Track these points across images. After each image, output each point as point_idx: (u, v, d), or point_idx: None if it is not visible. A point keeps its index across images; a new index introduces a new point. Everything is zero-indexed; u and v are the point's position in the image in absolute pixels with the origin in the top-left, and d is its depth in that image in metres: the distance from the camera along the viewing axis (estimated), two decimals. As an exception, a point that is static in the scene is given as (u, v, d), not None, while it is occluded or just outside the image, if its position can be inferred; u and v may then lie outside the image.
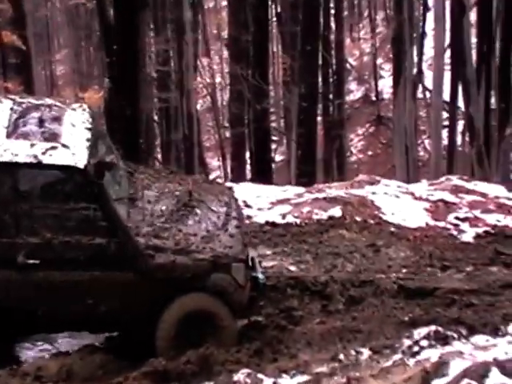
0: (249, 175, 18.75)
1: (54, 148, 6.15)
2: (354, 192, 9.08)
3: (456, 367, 5.49)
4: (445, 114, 20.51)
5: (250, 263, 6.73)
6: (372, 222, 8.57)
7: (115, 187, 6.51)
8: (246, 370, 5.77)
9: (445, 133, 20.52)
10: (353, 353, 6.22)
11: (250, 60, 16.43)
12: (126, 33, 9.33)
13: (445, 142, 20.37)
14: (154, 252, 6.22)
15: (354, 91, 29.52)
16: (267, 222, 8.42)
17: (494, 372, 5.36)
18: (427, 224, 8.85)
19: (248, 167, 19.37)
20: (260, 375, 5.76)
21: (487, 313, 6.96)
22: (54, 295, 6.09)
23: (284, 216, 8.47)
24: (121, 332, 6.47)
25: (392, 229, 8.56)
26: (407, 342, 6.25)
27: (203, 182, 7.34)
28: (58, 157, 6.13)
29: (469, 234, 8.79)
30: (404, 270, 7.82)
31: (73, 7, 27.29)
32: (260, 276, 6.71)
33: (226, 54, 23.91)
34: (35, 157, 6.08)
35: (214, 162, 26.29)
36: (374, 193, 9.09)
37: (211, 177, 20.17)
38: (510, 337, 6.26)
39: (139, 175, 7.04)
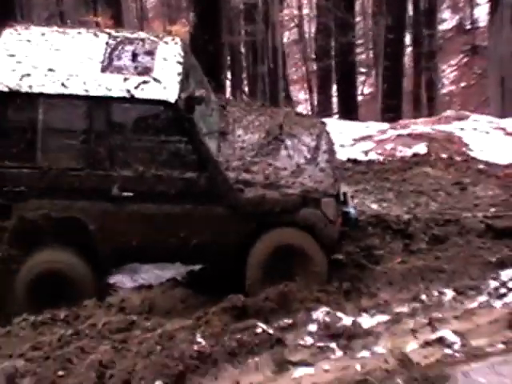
0: (335, 109, 18.50)
1: (145, 82, 6.23)
2: (440, 128, 8.83)
3: (545, 309, 5.37)
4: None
5: (342, 198, 6.70)
6: (459, 159, 8.36)
7: (206, 121, 6.56)
8: (324, 309, 5.83)
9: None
10: (435, 293, 6.17)
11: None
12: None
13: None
14: (243, 186, 6.28)
15: (448, 20, 28.37)
16: (349, 159, 8.33)
17: None
18: (516, 159, 8.54)
19: (335, 101, 19.10)
20: (339, 314, 5.80)
21: None
22: (146, 227, 6.23)
23: (366, 153, 8.34)
24: (212, 264, 6.60)
25: (480, 166, 8.33)
26: (493, 284, 6.18)
27: (295, 116, 7.31)
28: (149, 91, 6.21)
29: None
30: (492, 209, 7.63)
31: None
32: (352, 211, 6.70)
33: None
34: (128, 91, 6.17)
35: (300, 94, 26.11)
36: (462, 129, 8.82)
37: (297, 110, 20.02)
38: None
39: (231, 108, 7.08)
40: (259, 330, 5.53)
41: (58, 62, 6.33)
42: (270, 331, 5.55)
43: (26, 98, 6.14)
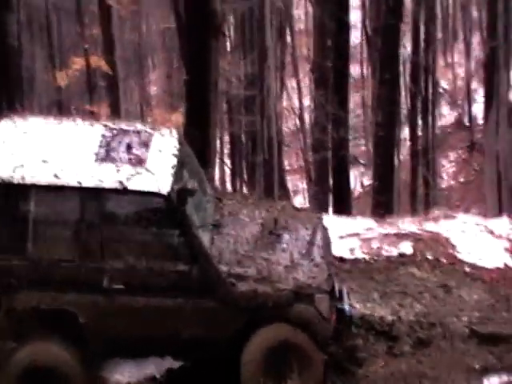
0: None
1: (138, 173, 6.30)
2: (427, 227, 8.89)
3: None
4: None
5: (338, 295, 6.66)
6: (445, 260, 8.32)
7: (200, 213, 6.59)
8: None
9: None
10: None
11: (330, 87, 16.45)
12: (196, 61, 9.46)
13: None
14: (235, 280, 6.26)
15: (447, 115, 29.01)
16: (335, 257, 8.38)
17: None
18: (506, 265, 8.52)
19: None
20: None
21: None
22: (137, 320, 6.19)
23: (352, 251, 8.39)
24: (203, 359, 6.47)
25: (466, 269, 8.25)
26: None
27: (291, 209, 7.36)
28: (142, 182, 6.27)
29: None
30: (477, 314, 7.56)
31: (165, 30, 28.11)
32: (346, 308, 6.65)
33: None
34: (120, 182, 6.23)
35: (300, 184, 26.37)
36: (449, 229, 8.88)
37: (293, 201, 20.18)
38: None
39: (226, 201, 7.13)
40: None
41: (53, 152, 6.42)
42: None
43: (19, 189, 6.21)
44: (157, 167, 6.41)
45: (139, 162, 6.42)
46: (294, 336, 6.28)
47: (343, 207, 15.53)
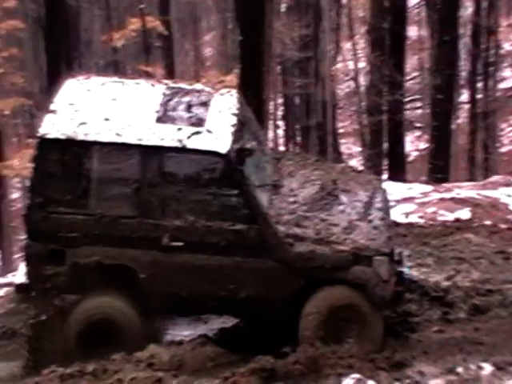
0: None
1: (198, 133, 6.36)
2: (485, 193, 8.71)
3: None
4: None
5: (397, 257, 6.61)
6: (503, 226, 8.20)
7: (259, 173, 6.63)
8: (356, 375, 5.74)
9: None
10: (473, 367, 6.00)
11: (386, 49, 16.17)
12: (251, 22, 9.45)
13: None
14: (293, 240, 6.28)
15: (508, 78, 28.20)
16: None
17: None
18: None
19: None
20: (371, 382, 5.70)
21: None
22: (195, 278, 6.28)
23: (407, 215, 8.29)
24: (260, 318, 6.56)
25: None
26: None
27: (351, 172, 7.34)
28: (201, 142, 6.33)
29: None
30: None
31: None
32: (406, 271, 6.60)
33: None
34: (180, 141, 6.29)
35: (354, 148, 26.15)
36: (509, 195, 8.69)
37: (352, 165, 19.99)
38: None
39: (286, 162, 7.14)
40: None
41: (115, 111, 6.54)
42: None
43: (82, 145, 6.34)
44: (216, 127, 6.45)
45: (199, 121, 6.47)
46: (353, 298, 6.29)
47: (398, 172, 15.34)
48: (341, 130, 25.56)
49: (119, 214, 6.30)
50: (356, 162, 24.02)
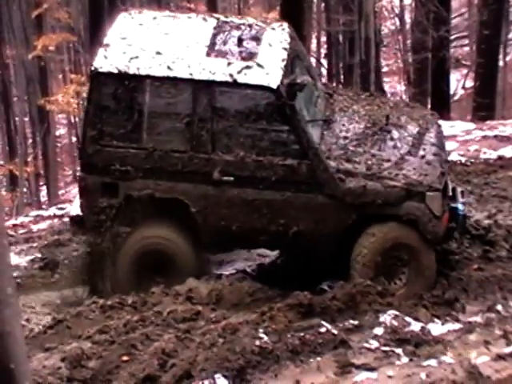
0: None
1: (249, 67, 6.30)
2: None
3: None
4: None
5: (451, 193, 6.53)
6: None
7: (310, 108, 6.56)
8: (393, 312, 5.74)
9: None
10: (512, 304, 5.95)
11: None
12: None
13: None
14: (344, 176, 6.24)
15: None
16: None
17: None
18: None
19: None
20: (408, 318, 5.69)
21: None
22: (246, 212, 6.29)
23: (449, 153, 8.10)
24: (310, 254, 6.52)
25: None
26: None
27: (404, 106, 7.21)
28: (251, 76, 6.28)
29: None
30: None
31: None
32: (460, 207, 6.50)
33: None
34: (230, 75, 6.26)
35: (398, 86, 25.66)
36: (554, 134, 8.43)
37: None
38: None
39: (338, 97, 7.06)
40: (323, 330, 5.49)
41: (167, 45, 6.50)
42: (335, 331, 5.50)
43: (134, 79, 6.32)
44: (267, 61, 6.37)
45: (250, 55, 6.42)
46: (406, 236, 6.22)
47: (442, 110, 14.96)
48: (385, 69, 25.07)
49: (171, 148, 6.31)
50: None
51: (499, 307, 5.91)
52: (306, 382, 5.07)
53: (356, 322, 5.68)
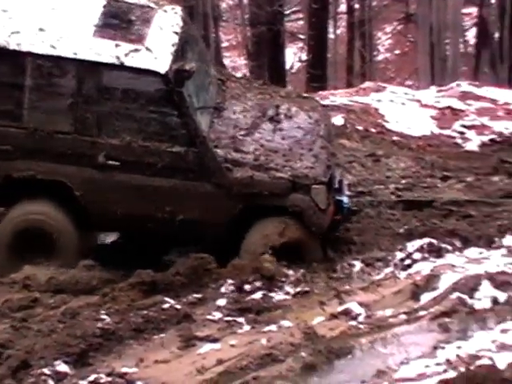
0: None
1: (137, 50, 6.06)
2: (358, 99, 8.79)
3: (447, 280, 5.40)
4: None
5: (337, 186, 6.55)
6: (374, 130, 8.35)
7: (201, 95, 6.38)
8: (231, 281, 5.78)
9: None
10: (346, 265, 6.19)
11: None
12: None
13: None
14: (232, 166, 6.11)
15: (384, -13, 28.35)
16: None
17: (485, 285, 5.28)
18: (432, 132, 8.61)
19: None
20: (248, 287, 5.73)
21: (483, 224, 6.84)
22: (131, 198, 6.08)
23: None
24: (198, 244, 6.34)
25: (394, 138, 8.33)
26: (400, 255, 6.19)
27: (296, 97, 7.15)
28: (139, 60, 6.02)
29: (474, 143, 8.59)
30: (403, 181, 7.66)
31: None
32: (345, 200, 6.52)
33: None
34: (117, 58, 5.98)
35: (239, 60, 25.90)
36: (379, 100, 8.80)
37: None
38: (504, 249, 6.12)
39: (230, 84, 6.87)
40: (166, 306, 5.43)
41: (52, 21, 6.11)
42: (178, 306, 5.45)
43: (14, 55, 5.93)
44: (156, 45, 6.13)
45: (139, 38, 6.16)
46: (294, 232, 6.18)
47: (279, 82, 15.26)
48: (225, 44, 25.12)
49: (54, 129, 5.98)
50: (241, 75, 23.85)
51: (337, 267, 6.14)
52: (149, 359, 4.98)
53: (199, 296, 5.65)
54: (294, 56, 23.57)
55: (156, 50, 6.10)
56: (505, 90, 10.11)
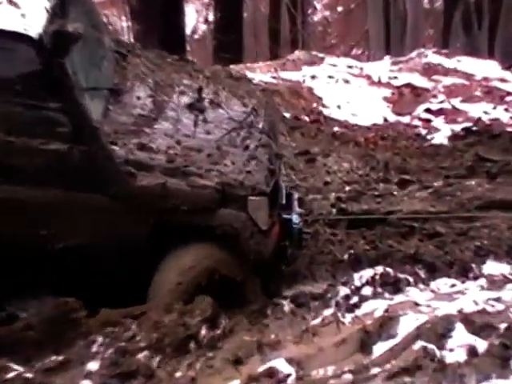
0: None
1: None
2: (285, 76, 8.91)
3: (407, 324, 5.43)
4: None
5: (283, 200, 6.69)
6: (307, 119, 8.46)
7: (91, 72, 6.31)
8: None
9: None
10: (272, 306, 6.27)
11: None
12: None
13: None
14: (136, 169, 6.04)
15: None
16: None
17: (459, 330, 5.36)
18: (386, 120, 8.82)
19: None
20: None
21: (456, 246, 7.04)
22: None
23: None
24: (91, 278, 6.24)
25: (335, 129, 8.44)
26: (344, 291, 6.28)
27: (226, 78, 7.33)
28: (1, 19, 5.86)
29: (442, 134, 8.81)
30: (347, 188, 7.82)
31: None
32: (294, 219, 6.61)
33: None
34: None
35: (120, 22, 25.97)
36: (313, 76, 8.95)
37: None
38: (483, 279, 6.32)
39: (134, 59, 6.89)
40: (12, 375, 5.32)
41: None
42: (29, 375, 5.35)
43: None
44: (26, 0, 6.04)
45: None
46: (222, 263, 6.17)
47: (177, 51, 15.30)
48: (102, -1, 25.19)
49: None
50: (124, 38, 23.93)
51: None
52: None
53: (61, 358, 5.55)
54: (197, 15, 23.83)
55: (25, 5, 6.03)
56: (483, 61, 10.41)
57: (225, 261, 6.19)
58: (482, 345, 5.19)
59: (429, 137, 8.81)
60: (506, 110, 9.19)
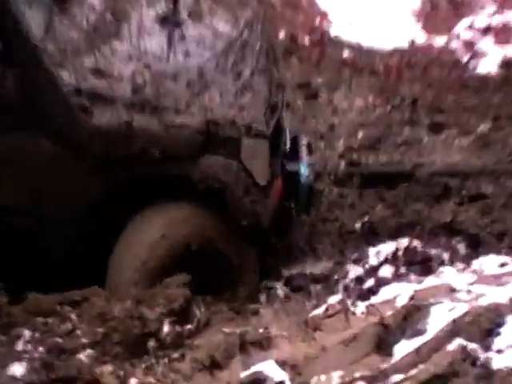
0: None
1: None
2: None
3: (441, 317, 5.49)
4: None
5: (287, 145, 6.86)
6: (307, 39, 8.45)
7: None
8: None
9: None
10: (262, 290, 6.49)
11: None
12: None
13: None
14: (90, 102, 6.08)
15: None
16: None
17: (511, 324, 5.35)
18: (413, 43, 8.78)
19: None
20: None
21: (507, 212, 7.10)
22: None
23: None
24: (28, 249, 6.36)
25: (345, 53, 8.46)
26: (355, 271, 6.43)
27: None
28: None
29: (491, 60, 8.83)
30: (361, 133, 7.92)
31: None
32: (303, 171, 6.74)
33: None
34: None
35: None
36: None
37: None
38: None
39: None
40: None
41: None
42: None
43: None
44: None
45: None
46: (206, 229, 6.26)
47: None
48: None
49: None
50: None
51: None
52: None
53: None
54: None
55: None
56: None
57: (209, 227, 6.27)
58: (540, 345, 5.30)
59: (471, 65, 8.92)
60: None
